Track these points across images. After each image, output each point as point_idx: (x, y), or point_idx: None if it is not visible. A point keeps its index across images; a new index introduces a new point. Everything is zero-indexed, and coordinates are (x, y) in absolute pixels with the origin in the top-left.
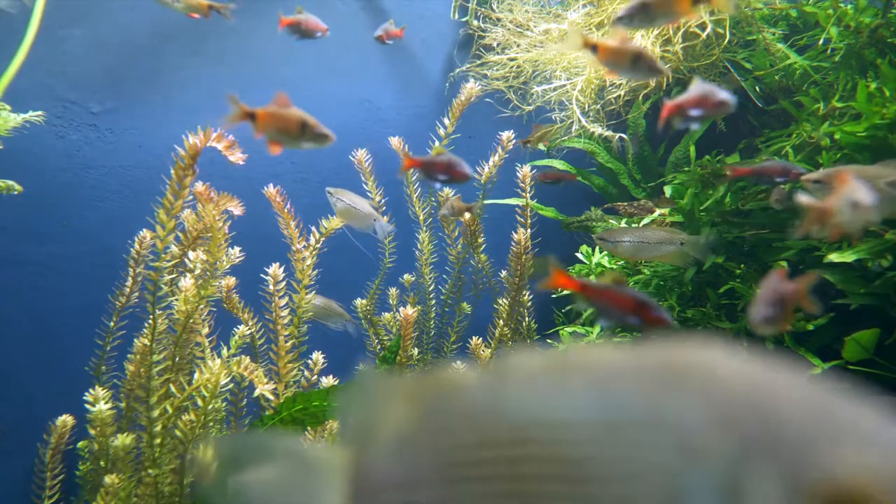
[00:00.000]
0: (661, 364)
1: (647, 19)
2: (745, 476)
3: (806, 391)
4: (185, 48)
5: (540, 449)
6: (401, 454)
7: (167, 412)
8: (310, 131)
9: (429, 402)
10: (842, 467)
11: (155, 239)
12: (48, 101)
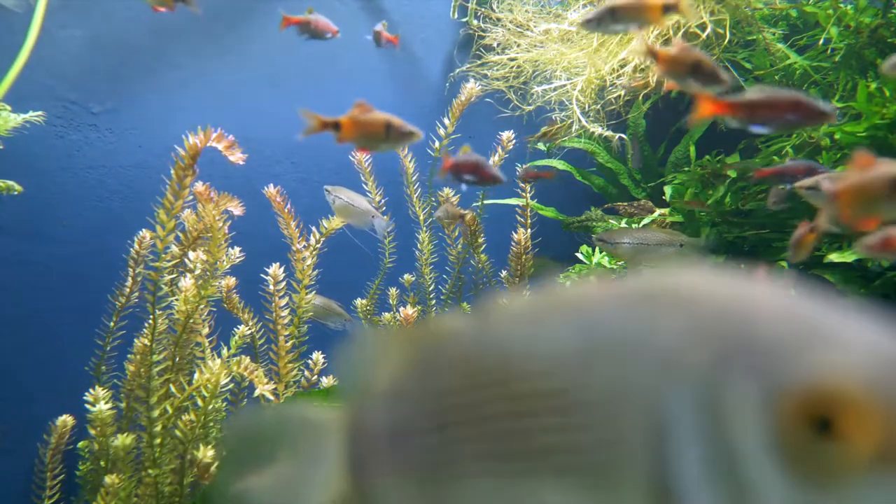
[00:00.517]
0: (640, 289)
1: (614, 24)
2: (723, 387)
3: (786, 301)
4: (186, 48)
5: (525, 384)
6: (393, 404)
7: (167, 412)
8: (395, 132)
9: (420, 350)
10: (819, 370)
11: (155, 239)
12: (48, 101)
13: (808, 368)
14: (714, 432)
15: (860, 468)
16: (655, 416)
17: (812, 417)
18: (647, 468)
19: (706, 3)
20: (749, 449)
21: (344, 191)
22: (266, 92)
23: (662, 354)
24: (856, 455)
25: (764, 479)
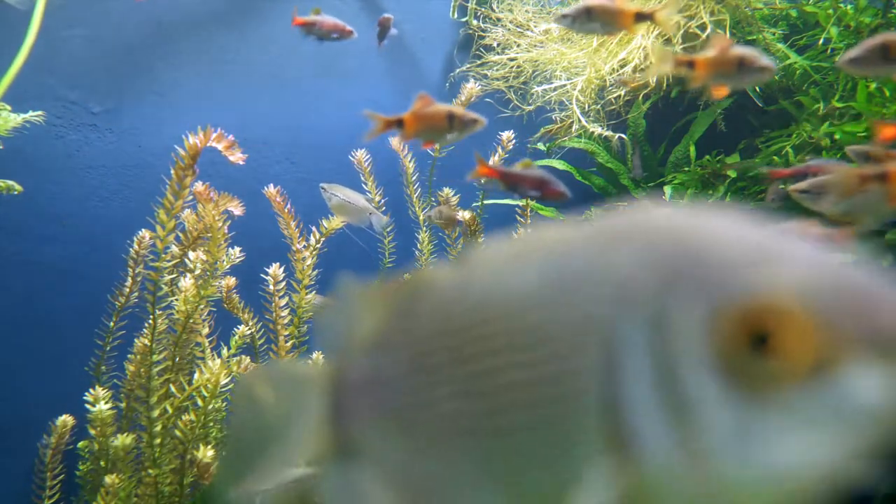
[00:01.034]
0: (602, 227)
1: (588, 25)
2: (670, 309)
3: (737, 228)
4: (186, 48)
5: (494, 325)
6: (374, 354)
7: (167, 412)
8: (459, 121)
9: (399, 301)
10: (756, 286)
11: (155, 239)
12: (48, 101)
13: (747, 286)
14: (661, 354)
15: (794, 380)
16: (610, 342)
17: (749, 332)
18: (601, 394)
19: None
20: (692, 367)
21: (340, 188)
22: (266, 92)
23: (617, 283)
24: (790, 367)
25: (706, 396)
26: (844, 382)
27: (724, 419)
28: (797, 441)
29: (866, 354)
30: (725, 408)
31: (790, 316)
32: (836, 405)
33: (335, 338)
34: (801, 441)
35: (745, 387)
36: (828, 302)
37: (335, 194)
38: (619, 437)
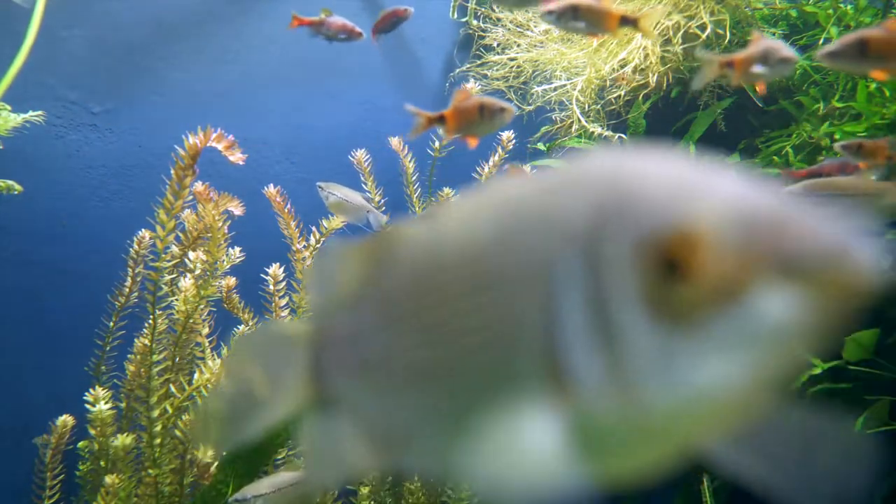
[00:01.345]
0: (553, 175)
1: (573, 23)
2: (602, 245)
3: (671, 167)
4: (186, 48)
5: (453, 273)
6: (350, 310)
7: (167, 412)
8: (488, 112)
9: (375, 258)
10: (678, 217)
11: (155, 239)
12: (48, 101)
13: (665, 218)
14: (594, 288)
15: (709, 306)
16: (550, 281)
17: (667, 261)
18: (542, 331)
19: (706, 3)
20: (620, 298)
21: (337, 187)
22: (266, 92)
23: (558, 225)
24: (705, 293)
25: (632, 325)
26: (754, 305)
27: (648, 347)
28: (715, 364)
29: (773, 277)
30: (649, 336)
31: (702, 244)
32: (749, 327)
33: (317, 296)
34: (718, 364)
35: (667, 315)
36: (738, 230)
37: (333, 193)
38: (558, 370)
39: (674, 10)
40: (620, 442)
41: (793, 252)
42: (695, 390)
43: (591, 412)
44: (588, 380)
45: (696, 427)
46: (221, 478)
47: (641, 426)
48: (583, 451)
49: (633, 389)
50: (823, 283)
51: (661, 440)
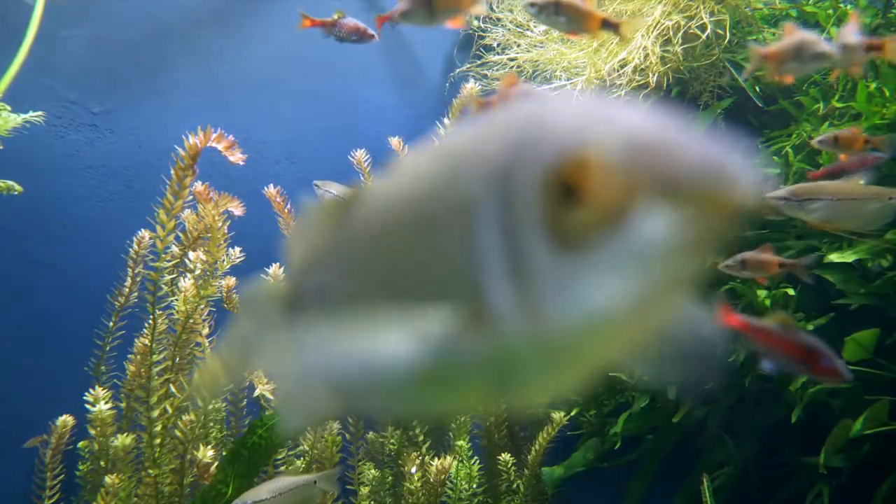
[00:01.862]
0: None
1: (554, 17)
2: (514, 176)
3: (586, 105)
4: (186, 48)
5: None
6: (319, 265)
7: (167, 412)
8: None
9: (341, 215)
10: (571, 145)
11: (154, 239)
12: (48, 101)
13: (564, 146)
14: (506, 219)
15: (600, 228)
16: (473, 218)
17: (562, 187)
18: (466, 268)
19: (706, 3)
20: (526, 226)
21: (334, 185)
22: (266, 92)
23: (482, 163)
24: (596, 216)
25: (536, 251)
26: (640, 225)
27: (549, 271)
28: (609, 284)
29: (656, 197)
30: (550, 261)
31: (592, 168)
32: (636, 246)
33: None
34: (612, 283)
35: (565, 240)
36: (623, 154)
37: (329, 191)
38: (479, 301)
39: (674, 10)
40: (534, 366)
41: (672, 173)
42: (593, 310)
43: (508, 339)
44: (502, 307)
45: (599, 346)
46: (221, 478)
47: (550, 348)
48: (503, 377)
49: (539, 313)
50: (702, 200)
51: (569, 361)
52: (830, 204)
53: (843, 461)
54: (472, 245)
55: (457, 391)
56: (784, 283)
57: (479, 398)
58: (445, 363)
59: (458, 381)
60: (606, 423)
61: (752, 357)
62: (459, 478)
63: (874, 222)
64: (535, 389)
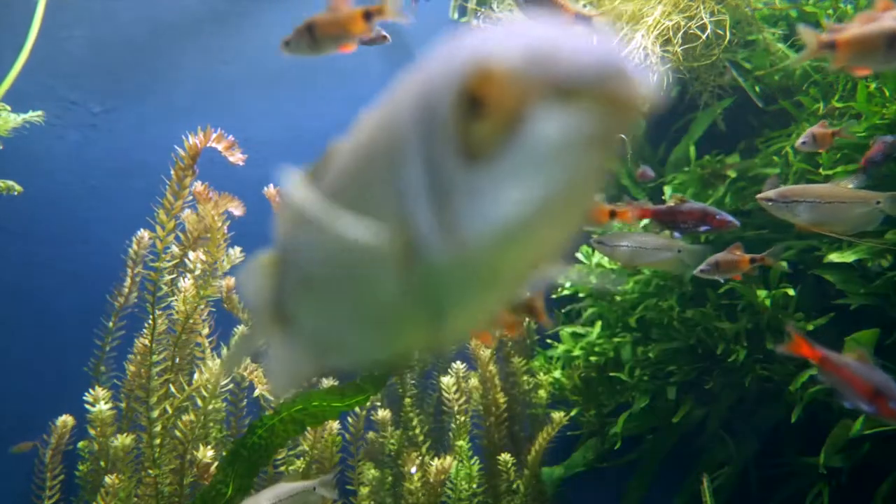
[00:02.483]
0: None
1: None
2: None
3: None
4: (185, 48)
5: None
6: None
7: (167, 412)
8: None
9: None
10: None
11: (154, 239)
12: (48, 101)
13: (471, 60)
14: (427, 143)
15: (501, 136)
16: (402, 150)
17: (466, 100)
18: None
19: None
20: (441, 145)
21: None
22: (266, 92)
23: (411, 97)
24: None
25: (449, 168)
26: (539, 128)
27: (462, 187)
28: (516, 192)
29: (551, 99)
30: (462, 176)
31: (492, 77)
32: (536, 150)
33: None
34: (518, 191)
35: (474, 152)
36: (522, 60)
37: None
38: (407, 227)
39: (674, 11)
40: (461, 286)
41: (564, 74)
42: (504, 219)
43: (434, 262)
44: (424, 230)
45: (517, 256)
46: (221, 478)
47: (472, 265)
48: (436, 304)
49: (456, 230)
50: (595, 98)
51: (492, 277)
52: (817, 206)
53: (843, 461)
54: (400, 177)
55: (398, 324)
56: (784, 283)
57: (419, 332)
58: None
59: (398, 313)
60: (606, 423)
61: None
62: (459, 478)
63: (861, 226)
64: (467, 314)
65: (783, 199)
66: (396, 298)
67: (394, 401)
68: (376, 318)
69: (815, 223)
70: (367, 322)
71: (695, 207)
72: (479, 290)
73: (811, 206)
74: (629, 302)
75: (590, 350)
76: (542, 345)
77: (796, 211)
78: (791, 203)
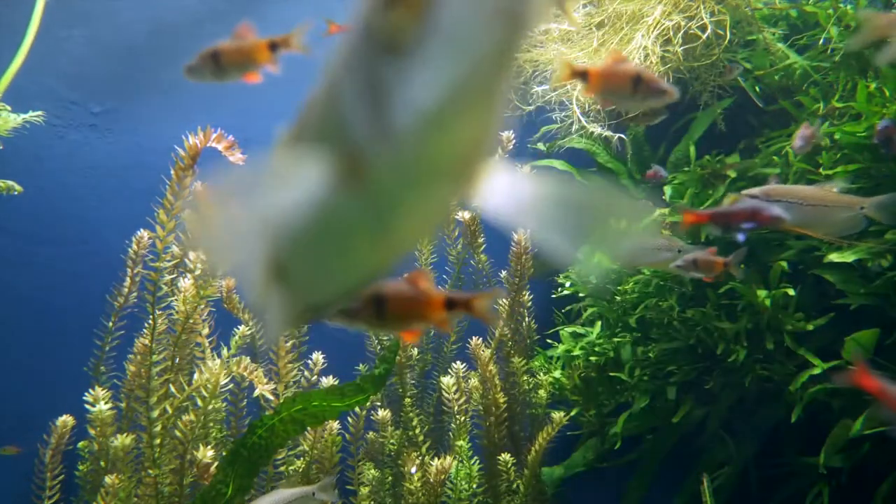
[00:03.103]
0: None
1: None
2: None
3: None
4: (185, 48)
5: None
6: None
7: (167, 412)
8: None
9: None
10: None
11: (154, 239)
12: (48, 101)
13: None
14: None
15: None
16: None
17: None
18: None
19: (706, 3)
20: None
21: None
22: (266, 92)
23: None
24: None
25: (377, 69)
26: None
27: (390, 83)
28: (434, 75)
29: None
30: (390, 73)
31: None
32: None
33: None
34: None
35: (393, 46)
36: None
37: None
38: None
39: (674, 11)
40: (402, 190)
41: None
42: (429, 107)
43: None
44: (363, 135)
45: (447, 148)
46: (221, 478)
47: (408, 162)
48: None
49: (390, 126)
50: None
51: (430, 174)
52: (800, 208)
53: (843, 461)
54: (340, 98)
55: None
56: (784, 283)
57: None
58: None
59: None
60: (606, 423)
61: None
62: (459, 478)
63: (844, 230)
64: (418, 217)
65: (767, 197)
66: (353, 216)
67: (394, 401)
68: (342, 245)
69: (798, 224)
70: (336, 251)
71: (745, 206)
72: (423, 188)
73: (794, 207)
74: (629, 302)
75: (590, 350)
76: (542, 345)
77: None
78: (774, 202)
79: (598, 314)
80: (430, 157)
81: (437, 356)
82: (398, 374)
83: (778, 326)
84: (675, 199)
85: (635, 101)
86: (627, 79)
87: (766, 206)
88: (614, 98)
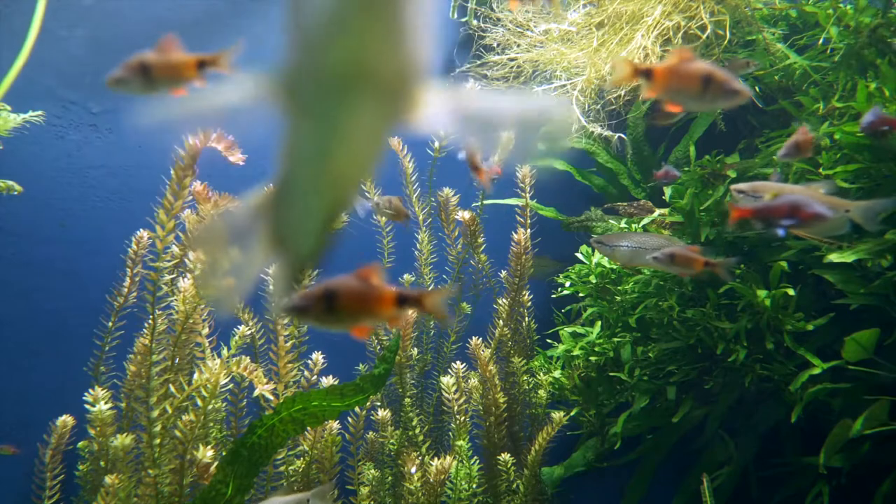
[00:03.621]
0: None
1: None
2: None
3: None
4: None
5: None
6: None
7: (167, 412)
8: (715, 87)
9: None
10: None
11: (154, 239)
12: (48, 101)
13: None
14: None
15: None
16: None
17: None
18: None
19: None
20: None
21: None
22: None
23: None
24: None
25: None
26: None
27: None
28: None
29: None
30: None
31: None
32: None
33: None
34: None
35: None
36: None
37: None
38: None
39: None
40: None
41: None
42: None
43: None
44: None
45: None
46: (221, 478)
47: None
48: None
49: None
50: None
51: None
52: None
53: (843, 461)
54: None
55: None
56: (784, 283)
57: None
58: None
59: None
60: (606, 423)
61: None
62: (459, 478)
63: (828, 232)
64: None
65: (754, 192)
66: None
67: (394, 401)
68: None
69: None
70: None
71: (785, 202)
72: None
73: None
74: (629, 302)
75: (590, 350)
76: (542, 345)
77: None
78: (759, 198)
79: (597, 314)
80: (338, 60)
81: (437, 356)
82: (398, 374)
83: (778, 326)
84: (675, 199)
85: (704, 102)
86: (697, 78)
87: (809, 203)
88: (680, 98)
